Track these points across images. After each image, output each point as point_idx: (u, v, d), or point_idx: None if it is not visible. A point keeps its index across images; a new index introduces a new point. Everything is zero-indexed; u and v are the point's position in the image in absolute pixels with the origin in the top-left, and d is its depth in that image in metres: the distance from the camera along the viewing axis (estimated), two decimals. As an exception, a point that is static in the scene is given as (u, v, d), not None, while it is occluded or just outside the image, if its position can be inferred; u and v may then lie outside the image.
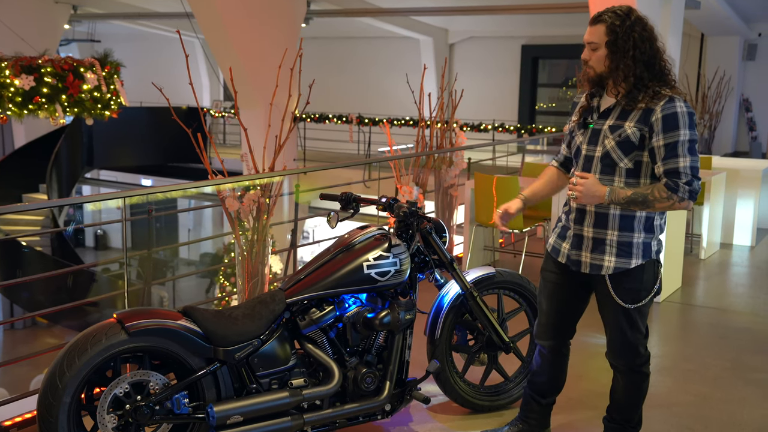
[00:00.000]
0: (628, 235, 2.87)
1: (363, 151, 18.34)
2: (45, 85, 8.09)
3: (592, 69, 2.86)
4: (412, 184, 6.12)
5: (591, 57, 2.85)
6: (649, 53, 2.77)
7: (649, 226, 2.88)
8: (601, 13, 2.82)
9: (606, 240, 2.89)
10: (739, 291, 6.19)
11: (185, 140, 4.58)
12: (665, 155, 2.75)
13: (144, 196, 6.70)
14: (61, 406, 2.70)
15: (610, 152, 2.85)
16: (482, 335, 3.62)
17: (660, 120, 2.74)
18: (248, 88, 9.12)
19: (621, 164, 2.84)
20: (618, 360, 3.05)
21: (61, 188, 14.25)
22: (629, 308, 2.92)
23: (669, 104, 2.74)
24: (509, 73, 19.72)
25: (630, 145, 2.81)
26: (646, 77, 2.78)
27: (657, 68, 2.79)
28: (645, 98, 2.77)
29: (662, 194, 2.75)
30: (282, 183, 4.77)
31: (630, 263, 2.88)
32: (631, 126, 2.79)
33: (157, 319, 2.84)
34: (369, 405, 3.19)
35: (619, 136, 2.82)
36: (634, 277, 2.89)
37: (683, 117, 2.73)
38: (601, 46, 2.81)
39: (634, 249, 2.87)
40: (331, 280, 3.15)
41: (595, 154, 2.90)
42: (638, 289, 2.90)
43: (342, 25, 19.36)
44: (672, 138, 2.73)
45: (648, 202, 2.77)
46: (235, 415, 2.89)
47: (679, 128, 2.73)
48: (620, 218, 2.86)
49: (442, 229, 3.52)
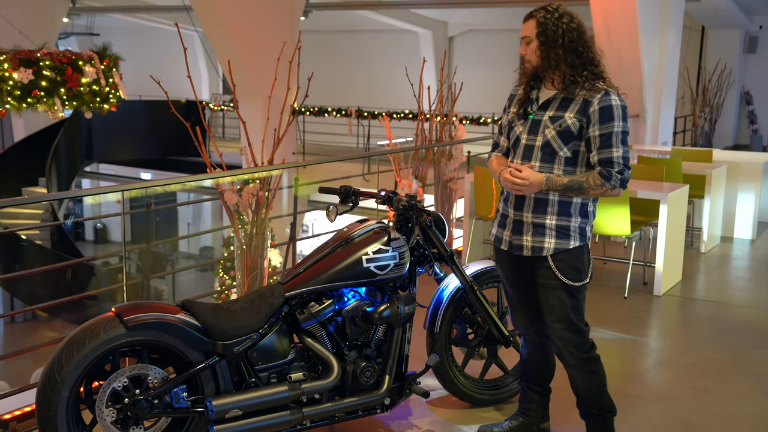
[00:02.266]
0: (566, 219, 3.01)
1: (362, 144, 18.32)
2: (44, 79, 8.07)
3: (529, 62, 3.01)
4: (412, 177, 6.11)
5: (526, 51, 3.01)
6: (578, 41, 2.93)
7: (584, 211, 3.03)
8: (533, 10, 3.00)
9: (545, 224, 3.02)
10: (740, 284, 6.19)
11: (184, 134, 4.56)
12: (600, 145, 2.91)
13: (143, 190, 6.70)
14: (59, 400, 2.69)
15: (551, 141, 2.98)
16: (482, 329, 3.62)
17: (597, 111, 2.90)
18: (247, 82, 9.10)
19: (560, 153, 2.98)
20: (567, 348, 3.08)
21: (61, 182, 14.23)
22: (574, 286, 3.02)
23: (605, 97, 2.90)
24: (508, 66, 19.60)
25: (569, 134, 2.95)
26: (578, 63, 2.93)
27: (586, 56, 2.94)
28: (583, 90, 2.93)
29: (596, 182, 2.91)
30: (281, 176, 4.76)
31: (569, 244, 3.01)
32: (571, 117, 2.94)
33: (155, 312, 2.83)
34: (368, 399, 3.19)
35: (560, 126, 2.96)
36: (575, 256, 3.02)
37: (617, 110, 2.90)
38: (533, 39, 2.97)
39: (571, 232, 3.01)
40: (330, 273, 3.14)
41: (535, 144, 3.02)
42: (579, 268, 3.03)
43: (341, 18, 19.32)
44: (607, 129, 2.89)
45: (583, 189, 2.92)
46: (234, 408, 2.89)
47: (613, 120, 2.89)
48: (558, 204, 3.01)
49: (441, 222, 3.51)
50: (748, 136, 16.51)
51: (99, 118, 10.27)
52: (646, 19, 10.37)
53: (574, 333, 3.06)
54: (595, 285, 5.92)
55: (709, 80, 15.66)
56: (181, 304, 2.96)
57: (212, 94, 23.15)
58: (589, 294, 3.18)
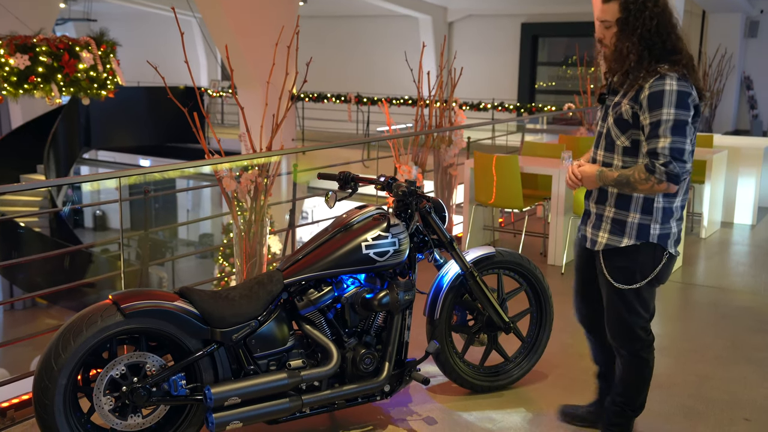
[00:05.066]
0: (623, 213, 2.84)
1: (362, 130, 18.26)
2: (40, 65, 8.02)
3: (607, 47, 2.83)
4: (411, 163, 6.08)
5: (605, 35, 2.82)
6: (656, 31, 2.71)
7: (648, 207, 2.81)
8: None
9: (603, 215, 2.90)
10: (740, 270, 6.17)
11: (183, 120, 4.53)
12: (648, 134, 2.70)
13: (142, 177, 6.66)
14: (56, 388, 2.67)
15: (610, 129, 2.85)
16: (482, 315, 3.60)
17: (647, 98, 2.68)
18: (245, 67, 9.04)
19: (618, 142, 2.82)
20: (614, 341, 3.03)
21: (59, 169, 14.18)
22: (622, 289, 2.88)
23: (658, 81, 2.67)
24: (509, 52, 19.59)
25: (624, 123, 2.78)
26: (646, 56, 2.73)
27: (659, 47, 2.72)
28: (642, 73, 2.73)
29: (642, 176, 2.70)
30: (280, 162, 4.73)
31: (621, 242, 2.85)
32: (626, 103, 2.77)
33: (153, 300, 2.81)
34: (368, 386, 3.17)
35: (617, 113, 2.80)
36: (627, 256, 2.85)
37: (670, 95, 2.65)
38: (613, 24, 2.77)
39: (627, 228, 2.83)
40: (329, 260, 3.12)
41: (603, 131, 2.90)
42: (632, 269, 2.86)
43: (340, 3, 19.20)
44: (655, 117, 2.67)
45: (630, 184, 2.74)
46: (233, 396, 2.87)
47: (662, 107, 2.65)
48: (617, 196, 2.85)
49: (441, 208, 3.48)
50: (749, 122, 16.46)
51: (97, 104, 10.22)
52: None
53: (622, 330, 2.97)
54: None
55: (710, 65, 15.58)
56: (180, 292, 2.94)
57: (211, 80, 23.04)
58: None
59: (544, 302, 3.77)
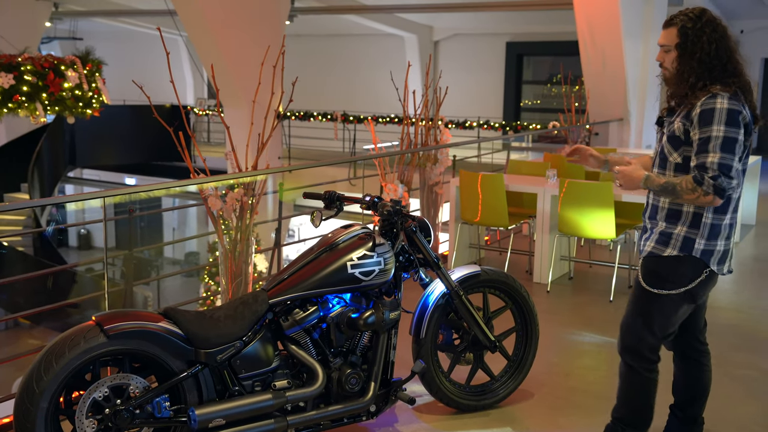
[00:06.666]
0: (671, 226, 2.91)
1: (348, 148, 18.28)
2: (25, 83, 8.00)
3: (667, 70, 2.94)
4: (397, 181, 6.09)
5: (664, 59, 2.93)
6: (715, 55, 2.81)
7: (696, 222, 2.87)
8: (674, 15, 2.89)
9: (655, 229, 2.97)
10: (724, 287, 6.21)
11: (168, 139, 4.52)
12: (698, 150, 2.77)
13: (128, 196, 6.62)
14: (38, 411, 2.64)
15: (664, 146, 2.93)
16: (468, 334, 3.60)
17: (698, 115, 2.77)
18: (231, 86, 9.05)
19: (670, 159, 2.90)
20: (619, 343, 3.07)
21: (44, 188, 14.09)
22: (649, 290, 2.93)
23: (710, 100, 2.76)
24: (494, 70, 19.73)
25: (676, 140, 2.86)
26: (705, 77, 2.82)
27: (718, 71, 2.82)
28: (696, 92, 2.82)
29: (689, 185, 2.76)
30: (265, 181, 4.72)
31: (664, 251, 2.91)
32: (678, 121, 2.86)
33: (136, 321, 2.79)
34: (354, 406, 3.16)
35: (670, 131, 2.89)
36: (666, 264, 2.91)
37: (720, 113, 2.73)
38: (672, 49, 2.88)
39: (672, 239, 2.90)
40: (314, 280, 3.11)
41: (658, 149, 2.99)
42: (665, 276, 2.91)
43: (326, 22, 19.29)
44: (705, 133, 2.75)
45: (676, 192, 2.80)
46: (218, 418, 2.85)
47: (712, 124, 2.73)
48: (668, 211, 2.92)
49: (426, 227, 3.49)
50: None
51: (82, 123, 10.17)
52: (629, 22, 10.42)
53: (631, 337, 3.02)
54: (581, 288, 5.92)
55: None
56: (164, 312, 2.93)
57: (197, 98, 23.05)
58: (574, 298, 3.17)
59: (530, 321, 3.78)
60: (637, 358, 3.01)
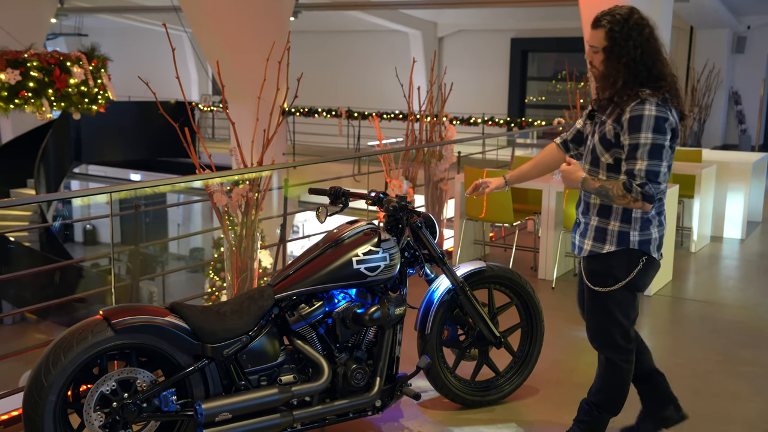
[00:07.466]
0: (604, 221, 2.96)
1: (352, 145, 18.29)
2: (31, 80, 8.02)
3: (596, 69, 2.95)
4: (402, 178, 6.10)
5: (593, 58, 2.95)
6: (640, 60, 2.83)
7: (627, 216, 2.93)
8: (602, 15, 2.88)
9: (589, 225, 3.01)
10: (730, 284, 6.20)
11: (174, 135, 4.54)
12: (627, 155, 2.82)
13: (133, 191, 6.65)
14: (46, 404, 2.66)
15: (595, 146, 2.96)
16: (473, 330, 3.61)
17: (627, 120, 2.81)
18: (236, 82, 9.07)
19: (602, 159, 2.94)
20: (592, 344, 3.13)
21: (49, 183, 14.14)
22: (598, 292, 2.99)
23: (638, 106, 2.79)
24: (499, 67, 19.71)
25: (608, 141, 2.90)
26: (631, 81, 2.84)
27: (644, 74, 2.84)
28: (625, 96, 2.84)
29: (619, 192, 2.81)
30: (271, 177, 4.73)
31: (602, 248, 2.96)
32: (609, 124, 2.89)
33: (144, 315, 2.81)
34: (359, 401, 3.17)
35: (601, 132, 2.93)
36: (604, 261, 2.97)
37: (648, 120, 2.76)
38: (600, 50, 2.89)
39: (608, 236, 2.95)
40: (320, 275, 3.12)
41: (590, 146, 3.02)
42: (605, 274, 2.97)
43: (331, 18, 19.28)
44: (634, 140, 2.79)
45: (609, 197, 2.86)
46: (224, 412, 2.86)
47: (641, 131, 2.77)
48: (599, 207, 2.97)
49: (432, 223, 3.50)
50: (737, 136, 16.59)
51: (88, 119, 10.21)
52: (636, 20, 10.34)
53: (599, 334, 3.07)
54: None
55: (698, 80, 15.71)
56: (170, 307, 2.94)
57: (202, 94, 23.07)
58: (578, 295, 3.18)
59: (535, 317, 3.78)
60: (615, 351, 3.07)
